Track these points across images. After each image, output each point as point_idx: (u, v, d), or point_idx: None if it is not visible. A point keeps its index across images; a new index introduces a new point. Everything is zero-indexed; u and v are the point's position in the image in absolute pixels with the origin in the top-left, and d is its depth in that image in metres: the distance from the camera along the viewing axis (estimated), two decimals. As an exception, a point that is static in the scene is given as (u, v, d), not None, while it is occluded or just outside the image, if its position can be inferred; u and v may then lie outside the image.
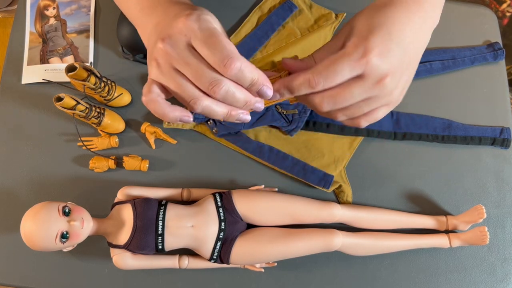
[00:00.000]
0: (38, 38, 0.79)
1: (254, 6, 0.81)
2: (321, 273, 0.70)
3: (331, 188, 0.71)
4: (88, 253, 0.69)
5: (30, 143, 0.74)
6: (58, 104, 0.66)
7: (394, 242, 0.68)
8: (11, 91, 0.77)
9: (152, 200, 0.64)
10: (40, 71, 0.77)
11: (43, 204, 0.59)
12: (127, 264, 0.63)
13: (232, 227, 0.64)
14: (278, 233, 0.65)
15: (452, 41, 0.82)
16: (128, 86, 0.76)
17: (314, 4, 0.82)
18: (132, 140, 0.74)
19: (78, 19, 0.80)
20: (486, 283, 0.70)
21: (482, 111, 0.78)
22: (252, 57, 0.77)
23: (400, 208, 0.72)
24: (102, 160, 0.71)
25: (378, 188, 0.73)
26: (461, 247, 0.71)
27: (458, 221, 0.70)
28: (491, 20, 0.84)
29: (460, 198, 0.74)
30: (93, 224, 0.61)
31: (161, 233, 0.62)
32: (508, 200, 0.74)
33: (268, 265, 0.69)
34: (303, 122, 0.72)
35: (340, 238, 0.65)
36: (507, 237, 0.72)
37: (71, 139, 0.74)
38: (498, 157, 0.76)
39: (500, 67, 0.81)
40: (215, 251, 0.64)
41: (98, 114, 0.70)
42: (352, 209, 0.69)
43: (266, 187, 0.72)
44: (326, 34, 0.79)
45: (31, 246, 0.58)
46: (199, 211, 0.64)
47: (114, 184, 0.71)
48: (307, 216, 0.67)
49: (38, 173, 0.73)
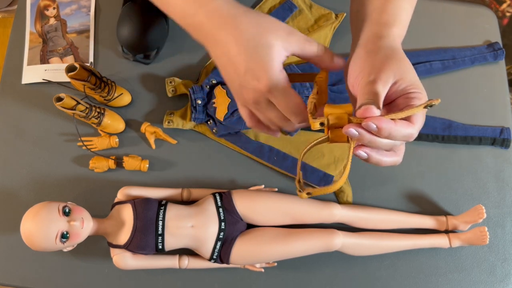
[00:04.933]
0: (38, 38, 0.79)
1: (254, 6, 0.81)
2: (321, 273, 0.70)
3: (331, 188, 0.71)
4: (88, 253, 0.69)
5: (30, 143, 0.74)
6: (58, 104, 0.66)
7: (394, 242, 0.68)
8: (11, 91, 0.77)
9: (152, 200, 0.64)
10: (40, 71, 0.77)
11: (43, 204, 0.59)
12: (127, 264, 0.63)
13: (232, 227, 0.64)
14: (278, 233, 0.65)
15: (452, 41, 0.82)
16: (128, 86, 0.76)
17: (314, 4, 0.82)
18: (132, 140, 0.74)
19: (78, 19, 0.80)
20: (486, 283, 0.70)
21: (482, 111, 0.78)
22: (252, 57, 0.77)
23: (400, 208, 0.72)
24: (102, 160, 0.71)
25: (378, 188, 0.73)
26: (461, 247, 0.71)
27: (458, 221, 0.70)
28: (491, 20, 0.84)
29: (460, 198, 0.74)
30: (93, 224, 0.61)
31: (161, 233, 0.62)
32: (508, 200, 0.74)
33: (268, 265, 0.69)
34: (303, 122, 0.72)
35: (340, 238, 0.65)
36: (507, 237, 0.72)
37: (71, 139, 0.74)
38: (498, 157, 0.76)
39: (500, 67, 0.81)
40: (215, 251, 0.64)
41: (98, 114, 0.70)
42: (352, 209, 0.69)
43: (266, 187, 0.72)
44: (326, 34, 0.79)
45: (31, 246, 0.58)
46: (199, 211, 0.64)
47: (114, 184, 0.71)
48: (307, 216, 0.67)
49: (38, 173, 0.73)
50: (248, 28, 0.42)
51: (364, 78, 0.41)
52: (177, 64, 0.78)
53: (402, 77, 0.41)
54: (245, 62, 0.42)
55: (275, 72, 0.42)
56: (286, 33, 0.43)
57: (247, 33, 0.42)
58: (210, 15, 0.43)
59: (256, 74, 0.42)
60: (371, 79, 0.40)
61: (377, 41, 0.44)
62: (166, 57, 0.78)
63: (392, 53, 0.43)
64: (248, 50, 0.42)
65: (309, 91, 0.73)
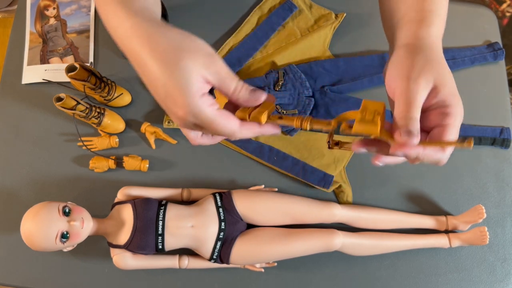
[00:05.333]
0: (38, 38, 0.79)
1: (254, 6, 0.81)
2: (321, 273, 0.70)
3: (331, 188, 0.71)
4: (88, 253, 0.69)
5: (30, 143, 0.74)
6: (58, 104, 0.66)
7: (394, 242, 0.68)
8: (11, 91, 0.77)
9: (152, 200, 0.64)
10: (40, 71, 0.77)
11: (43, 204, 0.59)
12: (127, 264, 0.63)
13: (232, 227, 0.64)
14: (278, 233, 0.65)
15: (452, 41, 0.82)
16: (128, 86, 0.76)
17: (314, 4, 0.82)
18: (132, 140, 0.74)
19: (78, 19, 0.80)
20: (486, 283, 0.70)
21: (482, 111, 0.78)
22: (252, 57, 0.77)
23: (400, 208, 0.72)
24: (102, 160, 0.71)
25: (378, 188, 0.73)
26: (461, 247, 0.71)
27: (458, 221, 0.70)
28: (491, 20, 0.84)
29: (460, 198, 0.74)
30: (93, 224, 0.61)
31: (161, 233, 0.62)
32: (508, 200, 0.74)
33: (268, 265, 0.69)
34: (303, 122, 0.72)
35: (340, 238, 0.65)
36: (507, 237, 0.72)
37: (71, 139, 0.74)
38: (498, 157, 0.76)
39: (500, 67, 0.81)
40: (215, 251, 0.64)
41: (98, 114, 0.70)
42: (352, 209, 0.69)
43: (266, 187, 0.72)
44: (326, 34, 0.79)
45: (31, 246, 0.58)
46: (199, 211, 0.64)
47: (114, 184, 0.71)
48: (307, 216, 0.67)
49: (38, 173, 0.73)
50: (165, 50, 0.38)
51: (403, 82, 0.40)
52: (177, 64, 0.78)
53: (441, 83, 0.40)
54: (164, 88, 0.38)
55: (194, 100, 0.38)
56: (206, 60, 0.38)
57: (164, 56, 0.38)
58: (129, 33, 0.39)
59: (175, 101, 0.38)
60: (411, 84, 0.39)
61: (416, 42, 0.43)
62: (166, 57, 0.78)
63: (431, 56, 0.42)
64: (166, 75, 0.37)
65: (309, 91, 0.73)
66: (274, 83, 0.72)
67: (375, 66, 0.78)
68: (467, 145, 0.37)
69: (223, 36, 0.80)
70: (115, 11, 0.40)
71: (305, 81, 0.73)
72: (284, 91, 0.72)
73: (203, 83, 0.38)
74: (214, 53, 0.39)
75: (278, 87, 0.72)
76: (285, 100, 0.72)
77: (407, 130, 0.38)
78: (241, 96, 0.41)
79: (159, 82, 0.38)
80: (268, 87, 0.72)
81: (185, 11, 0.81)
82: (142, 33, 0.38)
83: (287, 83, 0.72)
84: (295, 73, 0.73)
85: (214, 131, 0.40)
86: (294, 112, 0.72)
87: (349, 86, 0.76)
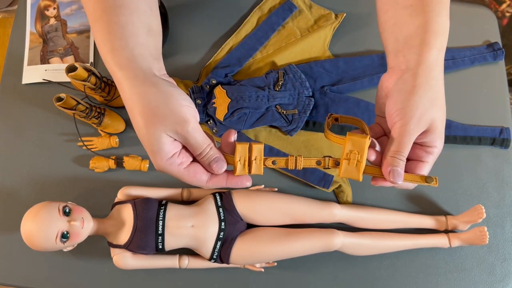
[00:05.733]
0: (39, 38, 0.79)
1: (254, 6, 0.81)
2: (321, 273, 0.70)
3: (331, 188, 0.71)
4: (88, 253, 0.69)
5: (30, 143, 0.74)
6: (58, 104, 0.66)
7: (394, 242, 0.68)
8: (12, 91, 0.77)
9: (152, 200, 0.64)
10: (40, 71, 0.77)
11: (43, 204, 0.59)
12: (127, 264, 0.63)
13: (232, 227, 0.64)
14: (278, 233, 0.65)
15: (452, 41, 0.81)
16: (128, 86, 0.76)
17: (314, 4, 0.82)
18: (132, 140, 0.74)
19: (78, 19, 0.80)
20: (486, 283, 0.70)
21: (482, 111, 0.78)
22: (252, 57, 0.78)
23: (400, 208, 0.73)
24: (102, 160, 0.72)
25: (378, 188, 0.73)
26: (461, 247, 0.71)
27: (457, 221, 0.70)
28: (490, 20, 0.84)
29: (460, 198, 0.74)
30: (93, 224, 0.62)
31: (161, 233, 0.62)
32: (508, 200, 0.74)
33: (268, 265, 0.69)
34: (303, 122, 0.72)
35: (340, 238, 0.65)
36: (507, 237, 0.73)
37: (71, 139, 0.74)
38: (498, 157, 0.76)
39: (499, 67, 0.81)
40: (215, 251, 0.64)
41: (98, 114, 0.70)
42: (352, 209, 0.69)
43: (266, 187, 0.72)
44: (326, 34, 0.79)
45: (31, 246, 0.58)
46: (199, 211, 0.64)
47: (114, 184, 0.71)
48: (307, 216, 0.67)
49: (38, 173, 0.73)
50: (143, 111, 0.42)
51: (399, 122, 0.44)
52: (177, 64, 0.78)
53: (435, 125, 0.45)
54: (144, 139, 0.44)
55: (162, 161, 0.43)
56: (176, 127, 0.42)
57: (144, 115, 0.42)
58: (121, 80, 0.43)
59: (152, 156, 0.44)
60: (411, 126, 0.43)
61: (414, 80, 0.45)
62: (166, 57, 0.78)
63: (436, 95, 0.46)
64: (145, 130, 0.43)
65: (309, 91, 0.73)
66: (274, 83, 0.72)
67: (375, 66, 0.78)
68: (432, 184, 0.45)
69: (223, 36, 0.80)
70: (106, 58, 0.44)
71: (305, 81, 0.73)
72: (284, 91, 0.72)
73: (173, 144, 0.43)
74: (187, 118, 0.43)
75: (278, 87, 0.72)
76: (285, 100, 0.72)
77: (396, 173, 0.44)
78: (203, 162, 0.45)
79: (141, 133, 0.43)
80: (268, 87, 0.72)
81: (185, 11, 0.81)
82: (125, 88, 0.43)
83: (287, 83, 0.72)
84: (295, 73, 0.74)
85: (185, 181, 0.46)
86: (294, 112, 0.72)
87: (349, 86, 0.76)
